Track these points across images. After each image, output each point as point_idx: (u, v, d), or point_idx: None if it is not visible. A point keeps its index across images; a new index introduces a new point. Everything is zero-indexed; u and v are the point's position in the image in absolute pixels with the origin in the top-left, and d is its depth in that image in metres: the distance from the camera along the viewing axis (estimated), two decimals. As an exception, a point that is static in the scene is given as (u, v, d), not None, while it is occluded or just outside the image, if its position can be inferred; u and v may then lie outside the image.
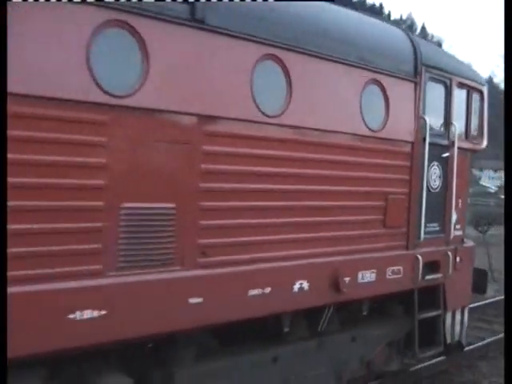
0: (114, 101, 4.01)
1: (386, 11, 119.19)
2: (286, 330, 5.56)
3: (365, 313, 6.42)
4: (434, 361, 8.10)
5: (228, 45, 4.66)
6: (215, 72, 4.60)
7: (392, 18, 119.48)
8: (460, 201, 7.36)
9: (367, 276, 5.99)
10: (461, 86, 7.18)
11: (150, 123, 4.23)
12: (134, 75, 4.13)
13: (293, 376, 5.70)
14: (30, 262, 3.71)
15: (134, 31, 4.10)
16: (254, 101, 4.85)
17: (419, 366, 8.01)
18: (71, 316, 3.88)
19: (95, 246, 4.00)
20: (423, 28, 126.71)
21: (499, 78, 66.36)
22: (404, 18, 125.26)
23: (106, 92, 3.97)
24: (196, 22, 4.44)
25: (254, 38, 4.81)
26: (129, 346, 4.53)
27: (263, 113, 4.92)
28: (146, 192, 4.23)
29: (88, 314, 3.96)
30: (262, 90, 4.90)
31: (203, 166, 4.55)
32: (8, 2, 3.43)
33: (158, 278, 4.33)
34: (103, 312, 4.02)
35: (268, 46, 4.93)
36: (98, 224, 4.01)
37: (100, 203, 4.01)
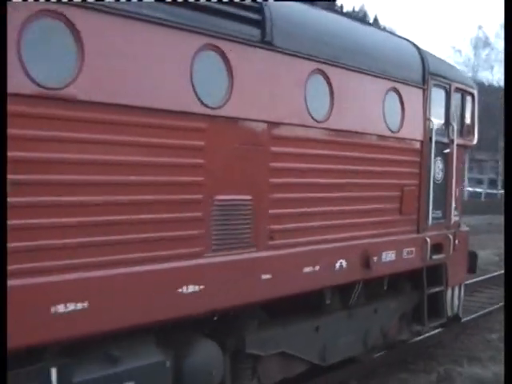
0: (209, 111, 4.87)
1: (338, 3, 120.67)
2: (328, 302, 6.52)
3: (385, 288, 7.43)
4: (432, 332, 9.22)
5: (289, 62, 5.57)
6: (280, 85, 5.50)
7: (345, 9, 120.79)
8: (457, 190, 8.45)
9: (389, 256, 7.00)
10: (457, 90, 8.25)
11: (236, 129, 5.11)
12: (224, 90, 5.00)
13: (329, 343, 6.66)
14: (154, 245, 4.55)
15: (222, 54, 4.97)
16: (308, 109, 5.77)
17: (417, 338, 9.08)
18: (179, 290, 4.74)
19: (197, 232, 4.86)
20: (375, 20, 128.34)
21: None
22: (357, 9, 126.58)
23: (204, 104, 4.83)
24: (266, 43, 5.33)
25: (308, 57, 5.73)
26: (207, 318, 5.38)
27: (314, 119, 5.85)
28: (232, 186, 5.12)
29: (191, 288, 4.82)
30: (313, 99, 5.83)
31: (272, 164, 5.45)
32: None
33: (241, 259, 5.22)
34: (202, 287, 4.89)
35: (317, 63, 5.86)
36: (199, 213, 4.87)
37: (200, 196, 4.87)
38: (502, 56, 58.64)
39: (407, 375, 7.94)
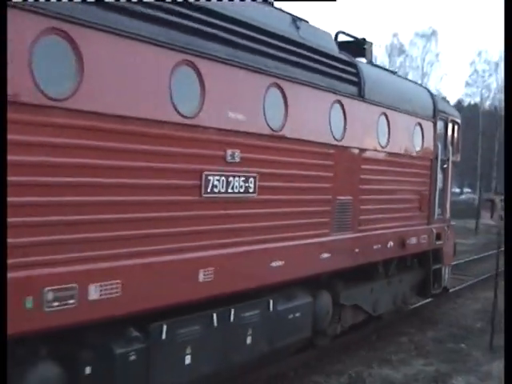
0: (336, 142, 7.64)
1: None
2: (381, 270, 9.42)
3: (408, 264, 10.41)
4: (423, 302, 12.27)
5: (372, 108, 8.42)
6: (368, 124, 8.36)
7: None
8: (449, 195, 11.57)
9: (413, 240, 9.95)
10: (451, 121, 11.37)
11: (346, 154, 7.91)
12: (341, 129, 7.77)
13: (378, 300, 9.53)
14: (305, 228, 7.24)
15: (342, 105, 7.75)
16: (378, 138, 8.65)
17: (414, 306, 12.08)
18: (320, 256, 7.45)
19: (328, 219, 7.62)
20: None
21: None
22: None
23: (334, 138, 7.59)
24: (361, 97, 8.17)
25: (379, 104, 8.62)
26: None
27: (381, 145, 8.73)
28: (344, 190, 7.90)
29: (325, 255, 7.55)
30: (383, 132, 8.71)
31: (361, 176, 8.28)
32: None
33: (346, 237, 8.01)
34: (329, 255, 7.63)
35: (383, 108, 8.75)
36: (329, 208, 7.63)
37: (330, 197, 7.63)
38: (416, 63, 62.03)
39: (319, 378, 7.90)
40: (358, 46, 9.47)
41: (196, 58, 5.37)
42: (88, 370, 4.73)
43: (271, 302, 6.66)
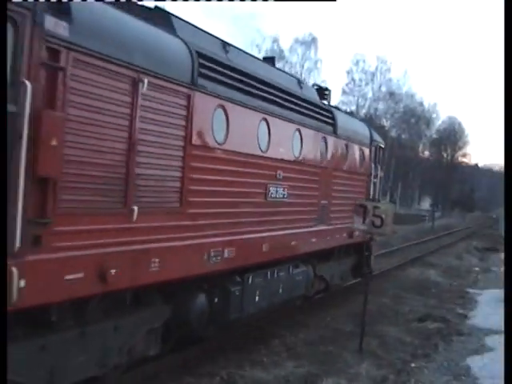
0: (321, 165, 11.42)
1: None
2: (335, 254, 13.32)
3: (350, 252, 14.41)
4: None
5: (341, 142, 12.31)
6: (337, 152, 12.22)
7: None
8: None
9: (356, 233, 13.95)
10: (379, 146, 15.56)
11: (327, 172, 11.71)
12: (324, 157, 11.57)
13: (333, 274, 13.39)
14: (304, 222, 10.98)
15: (324, 139, 11.55)
16: (343, 162, 12.56)
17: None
18: (311, 240, 11.19)
19: (314, 216, 11.39)
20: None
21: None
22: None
23: (321, 162, 11.39)
24: (335, 134, 12.03)
25: (345, 138, 12.52)
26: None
27: (344, 166, 12.64)
28: (324, 197, 11.69)
29: (314, 240, 11.30)
30: (343, 156, 12.63)
31: (333, 187, 12.12)
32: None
33: (324, 228, 11.80)
34: (316, 239, 11.39)
35: (346, 141, 12.67)
36: (316, 208, 11.41)
37: (316, 201, 11.40)
38: (295, 69, 61.76)
39: (191, 379, 7.85)
40: (323, 92, 13.36)
41: (268, 116, 8.97)
42: (216, 299, 8.18)
43: (290, 267, 10.34)
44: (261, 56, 51.52)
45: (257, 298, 9.07)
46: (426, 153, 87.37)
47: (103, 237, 5.72)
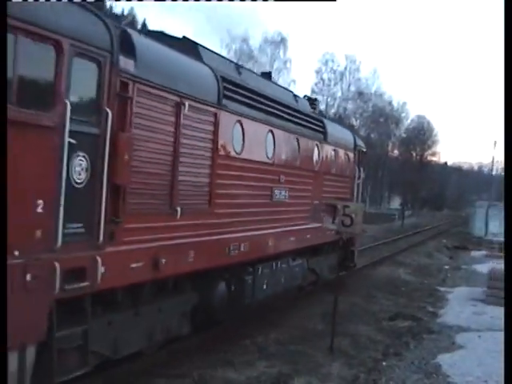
0: (314, 169, 12.81)
1: (107, 5, 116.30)
2: (324, 249, 14.74)
3: (336, 247, 15.85)
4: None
5: (331, 147, 13.71)
6: (329, 156, 13.62)
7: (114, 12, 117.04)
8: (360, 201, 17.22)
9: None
10: (362, 151, 17.01)
11: (319, 175, 13.10)
12: (317, 162, 12.96)
13: (322, 267, 14.80)
14: (298, 220, 12.34)
15: (317, 146, 12.95)
16: (332, 165, 13.97)
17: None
18: (306, 236, 12.57)
19: (307, 215, 12.76)
20: (144, 24, 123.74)
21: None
22: (126, 13, 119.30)
23: (314, 167, 12.78)
24: (326, 141, 13.43)
25: (333, 144, 13.93)
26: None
27: (332, 170, 14.06)
28: (316, 197, 13.07)
29: (308, 236, 12.68)
30: (332, 160, 14.04)
31: (323, 188, 13.51)
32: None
33: (316, 226, 13.20)
34: (309, 236, 12.77)
35: (335, 146, 14.08)
36: (309, 207, 12.78)
37: (310, 201, 12.78)
38: (264, 68, 57.99)
39: (163, 380, 7.83)
40: (311, 102, 14.76)
41: (273, 128, 10.32)
42: (233, 287, 9.49)
43: (290, 260, 11.70)
44: (232, 57, 52.88)
45: (264, 286, 10.42)
46: (396, 152, 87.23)
47: (156, 233, 7.01)
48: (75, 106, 5.58)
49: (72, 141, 5.55)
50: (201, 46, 8.91)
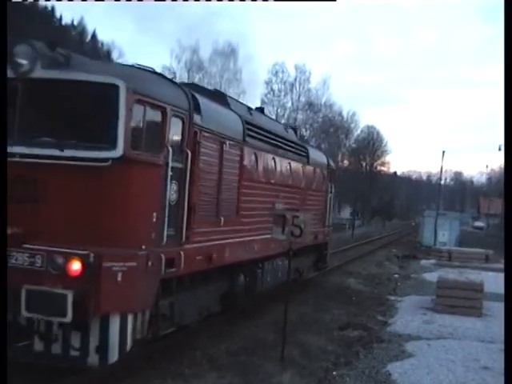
0: (301, 186, 15.84)
1: (57, 15, 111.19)
2: (305, 251, 17.77)
3: (311, 250, 18.91)
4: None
5: (311, 168, 16.77)
6: (310, 176, 16.68)
7: (63, 22, 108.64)
8: (331, 213, 20.35)
9: (320, 235, 18.45)
10: (332, 169, 20.15)
11: (306, 191, 16.13)
12: (303, 180, 15.99)
13: (303, 266, 17.79)
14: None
15: (302, 168, 15.98)
16: (313, 182, 17.04)
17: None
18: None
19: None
20: (94, 35, 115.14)
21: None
22: (75, 23, 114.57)
23: (300, 184, 15.82)
24: (308, 163, 16.49)
25: (314, 165, 17.00)
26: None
27: (313, 186, 17.13)
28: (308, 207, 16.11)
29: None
30: (312, 178, 17.11)
31: (307, 201, 16.55)
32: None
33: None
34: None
35: (314, 167, 17.16)
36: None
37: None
38: (214, 80, 60.10)
39: None
40: (295, 131, 17.82)
41: (275, 155, 13.31)
42: (247, 278, 12.38)
43: (283, 259, 14.66)
44: (182, 68, 53.26)
45: (268, 279, 13.33)
46: (346, 162, 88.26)
47: (210, 235, 9.86)
48: (172, 149, 8.41)
49: (171, 173, 8.40)
50: (228, 96, 11.83)
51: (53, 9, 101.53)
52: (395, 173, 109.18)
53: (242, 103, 12.62)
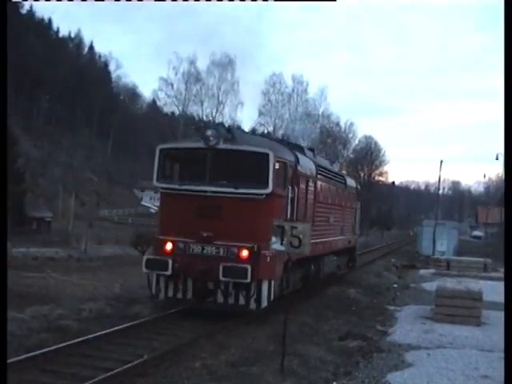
0: (343, 204, 21.99)
1: (54, 27, 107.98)
2: (339, 253, 23.89)
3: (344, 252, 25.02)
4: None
5: (347, 191, 22.96)
6: (346, 198, 22.86)
7: (61, 34, 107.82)
8: (358, 224, 26.47)
9: (352, 240, 24.52)
10: (358, 189, 26.31)
11: (345, 209, 22.29)
12: (341, 201, 22.14)
13: (338, 265, 23.87)
14: (339, 232, 21.48)
15: (343, 191, 22.15)
16: (348, 201, 23.22)
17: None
18: (338, 244, 21.69)
19: (341, 230, 21.89)
20: (91, 47, 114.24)
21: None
22: (73, 35, 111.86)
23: (342, 203, 21.99)
24: (346, 188, 22.65)
25: (349, 190, 23.23)
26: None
27: (349, 203, 23.31)
28: (347, 220, 22.24)
29: (339, 243, 21.79)
30: (346, 198, 23.27)
31: (344, 216, 22.70)
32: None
33: (344, 237, 22.31)
34: (341, 242, 21.90)
35: (348, 191, 23.33)
36: (342, 225, 21.95)
37: (341, 221, 21.97)
38: (212, 91, 63.42)
39: None
40: (332, 162, 24.01)
41: (331, 185, 19.53)
42: (314, 267, 18.51)
43: (332, 256, 20.80)
44: (180, 79, 56.27)
45: (326, 269, 19.46)
46: (344, 172, 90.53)
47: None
48: (290, 187, 14.57)
49: (289, 200, 14.61)
50: (301, 146, 18.08)
51: (50, 21, 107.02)
52: (393, 183, 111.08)
53: (308, 148, 18.97)
